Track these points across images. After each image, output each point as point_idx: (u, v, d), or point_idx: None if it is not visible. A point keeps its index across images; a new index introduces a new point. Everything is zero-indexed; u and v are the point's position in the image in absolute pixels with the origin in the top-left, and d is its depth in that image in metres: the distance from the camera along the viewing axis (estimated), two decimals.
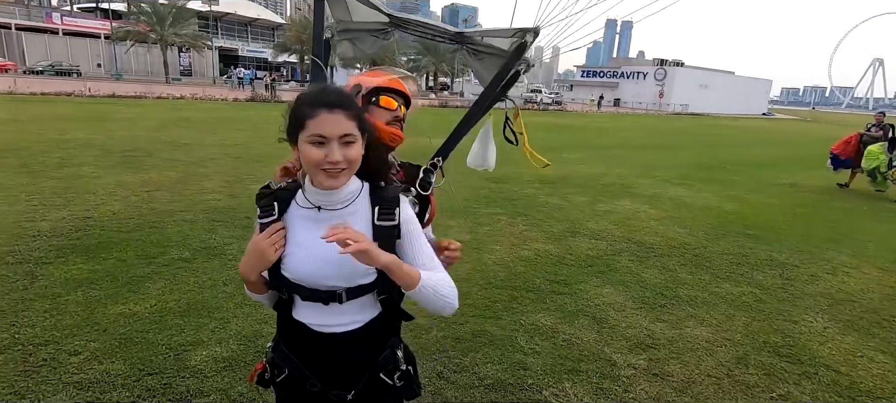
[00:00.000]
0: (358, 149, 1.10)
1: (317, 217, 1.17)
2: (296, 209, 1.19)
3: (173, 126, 12.62)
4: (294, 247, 1.17)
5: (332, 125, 1.06)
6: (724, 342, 3.21)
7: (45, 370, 2.44)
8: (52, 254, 3.83)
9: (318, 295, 1.17)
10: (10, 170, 6.54)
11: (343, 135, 1.07)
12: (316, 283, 1.16)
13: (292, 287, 1.18)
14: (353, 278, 1.16)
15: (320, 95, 1.10)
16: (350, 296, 1.18)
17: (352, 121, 1.08)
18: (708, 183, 9.26)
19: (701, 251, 5.03)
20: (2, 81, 22.41)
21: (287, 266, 1.17)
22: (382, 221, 1.18)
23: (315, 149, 1.07)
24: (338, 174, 1.09)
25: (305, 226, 1.18)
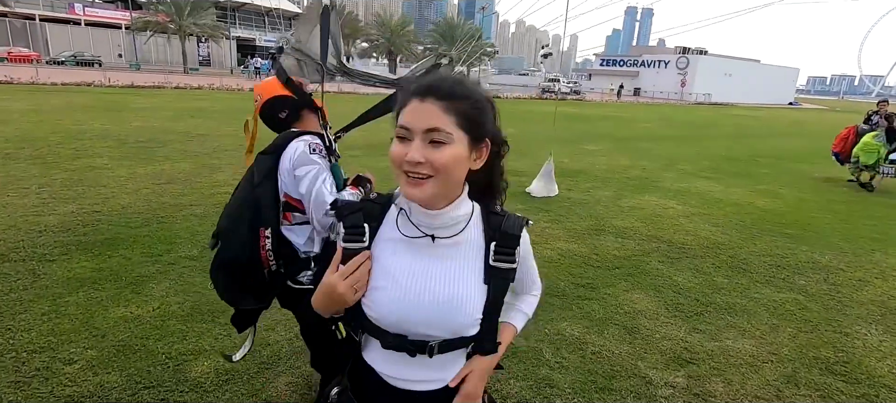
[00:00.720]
0: (452, 154, 0.83)
1: (415, 244, 0.92)
2: (389, 230, 0.94)
3: (189, 116, 12.57)
4: (384, 281, 0.91)
5: (418, 114, 0.82)
6: (770, 357, 2.92)
7: (37, 381, 2.28)
8: (57, 251, 3.70)
9: (405, 345, 0.92)
10: (25, 161, 6.49)
11: (429, 130, 0.81)
12: (405, 329, 0.91)
13: (373, 330, 0.93)
14: (456, 328, 0.91)
15: (421, 80, 0.86)
16: (443, 349, 0.93)
17: (448, 114, 0.82)
18: (737, 176, 8.84)
19: (736, 251, 4.71)
20: (24, 72, 22.75)
21: (372, 305, 0.92)
22: (500, 262, 0.93)
23: (398, 144, 0.83)
24: (420, 181, 0.83)
25: (399, 254, 0.92)
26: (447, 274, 0.91)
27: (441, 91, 0.83)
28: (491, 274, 0.93)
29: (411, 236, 0.92)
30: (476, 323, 0.93)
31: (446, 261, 0.92)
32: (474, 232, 0.94)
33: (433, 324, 0.90)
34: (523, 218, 0.99)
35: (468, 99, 0.85)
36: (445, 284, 0.90)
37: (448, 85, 0.85)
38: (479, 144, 0.88)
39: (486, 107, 0.89)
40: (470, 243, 0.94)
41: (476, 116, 0.86)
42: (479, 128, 0.87)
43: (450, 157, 0.83)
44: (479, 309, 0.92)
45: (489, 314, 0.93)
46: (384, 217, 0.95)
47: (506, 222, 0.95)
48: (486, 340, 0.96)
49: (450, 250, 0.92)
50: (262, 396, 2.29)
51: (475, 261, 0.93)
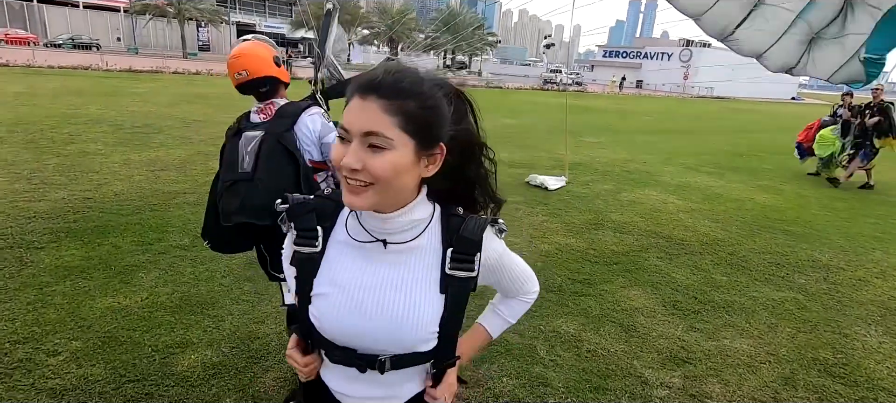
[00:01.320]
0: (392, 161, 0.73)
1: (366, 248, 0.84)
2: (341, 231, 0.86)
3: (186, 102, 12.45)
4: (330, 288, 0.83)
5: (357, 114, 0.73)
6: (768, 357, 2.88)
7: (19, 372, 2.23)
8: (46, 238, 3.64)
9: (353, 359, 0.84)
10: (17, 145, 6.40)
11: (367, 133, 0.72)
12: (353, 343, 0.83)
13: (321, 342, 0.86)
14: (409, 343, 0.83)
15: (370, 75, 0.76)
16: (395, 365, 0.84)
17: (390, 115, 0.72)
18: (738, 171, 8.78)
19: (736, 248, 4.65)
20: (21, 54, 22.53)
21: (317, 314, 0.84)
22: (456, 270, 0.83)
23: (339, 146, 0.75)
24: (359, 189, 0.75)
25: (349, 259, 0.84)
26: (399, 284, 0.83)
27: (385, 88, 0.74)
28: (447, 282, 0.83)
29: (362, 240, 0.84)
30: (431, 337, 0.84)
31: (399, 269, 0.84)
32: (431, 238, 0.85)
33: (382, 338, 0.82)
34: (486, 220, 0.88)
35: (417, 97, 0.75)
36: (397, 295, 0.82)
37: (393, 81, 0.74)
38: (430, 149, 0.78)
39: (441, 106, 0.78)
40: (426, 249, 0.85)
41: (426, 118, 0.76)
42: (429, 130, 0.77)
43: (389, 165, 0.73)
44: (434, 323, 0.83)
45: (446, 327, 0.84)
46: (338, 216, 0.88)
47: (465, 226, 0.85)
48: (444, 356, 0.87)
49: (403, 256, 0.84)
50: (249, 391, 2.24)
51: (431, 269, 0.84)
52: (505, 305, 1.05)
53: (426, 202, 0.86)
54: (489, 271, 0.90)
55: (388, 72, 0.76)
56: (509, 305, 1.05)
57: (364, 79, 0.76)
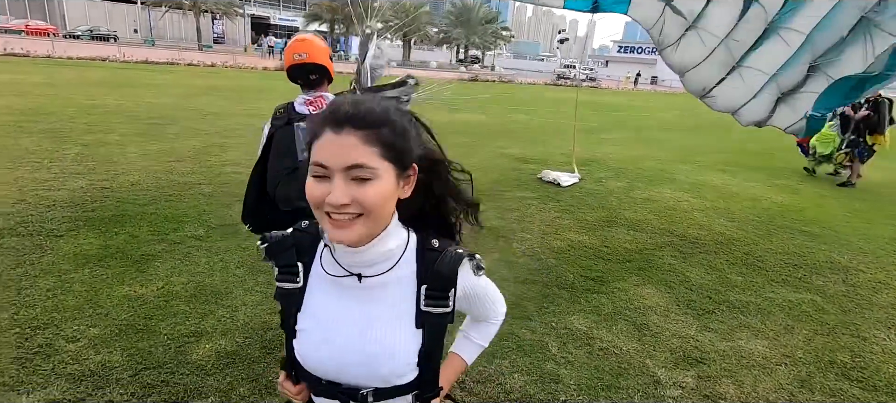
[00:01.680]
0: (380, 190, 0.74)
1: (342, 283, 0.84)
2: (317, 268, 0.86)
3: (201, 94, 12.58)
4: (311, 324, 0.85)
5: (335, 149, 0.72)
6: (784, 359, 2.83)
7: (40, 357, 2.28)
8: (65, 227, 3.71)
9: (337, 394, 0.86)
10: (38, 135, 6.52)
11: (351, 166, 0.72)
12: (335, 377, 0.85)
13: (306, 376, 0.87)
14: (388, 378, 0.84)
15: (335, 108, 0.75)
16: (378, 398, 0.86)
17: (370, 146, 0.73)
18: (755, 170, 8.63)
19: (752, 248, 4.58)
20: (41, 45, 22.92)
21: (299, 348, 0.85)
22: (432, 306, 0.84)
23: (316, 184, 0.74)
24: (348, 224, 0.74)
25: (327, 294, 0.85)
26: (375, 320, 0.83)
27: (359, 119, 0.73)
28: (423, 318, 0.84)
29: (337, 275, 0.84)
30: (410, 371, 0.85)
31: (374, 304, 0.84)
32: (405, 271, 0.85)
33: (361, 374, 0.84)
34: (462, 255, 0.87)
35: (389, 124, 0.76)
36: (373, 332, 0.83)
37: (365, 111, 0.74)
38: (405, 172, 0.79)
39: (408, 128, 0.80)
40: (400, 282, 0.84)
41: (400, 143, 0.77)
42: (405, 154, 0.78)
43: (378, 195, 0.74)
44: (412, 356, 0.84)
45: (426, 360, 0.85)
46: (316, 249, 0.88)
47: (440, 261, 0.84)
48: (425, 388, 0.88)
49: (378, 291, 0.84)
50: (262, 381, 2.26)
51: (406, 304, 0.84)
52: (476, 330, 1.05)
53: (399, 228, 0.85)
54: (463, 300, 0.91)
55: (355, 105, 0.75)
56: (480, 329, 1.05)
57: (333, 114, 0.74)
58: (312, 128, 0.76)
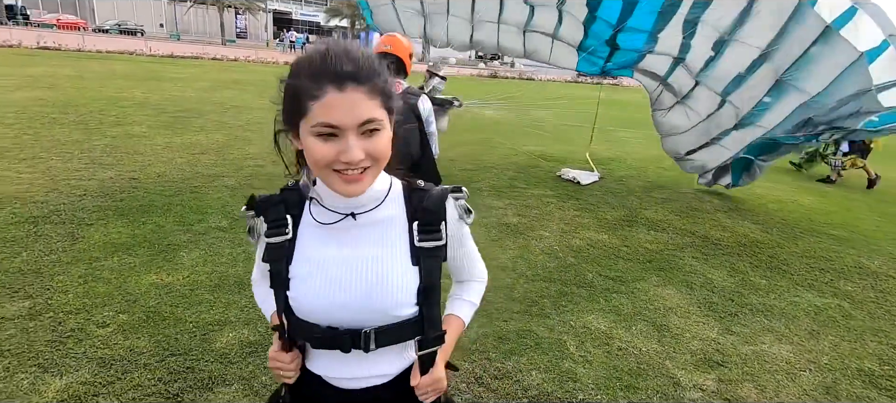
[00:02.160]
0: (386, 138, 0.78)
1: (336, 228, 0.86)
2: (307, 218, 0.88)
3: (224, 88, 12.79)
4: (305, 268, 0.86)
5: (346, 109, 0.73)
6: (809, 365, 2.77)
7: (72, 341, 2.36)
8: (95, 216, 3.82)
9: (336, 340, 0.86)
10: (69, 126, 6.72)
11: (364, 123, 0.74)
12: (334, 319, 0.85)
13: (302, 327, 0.87)
14: (389, 309, 0.85)
15: (327, 63, 0.74)
16: (380, 341, 0.86)
17: (374, 98, 0.75)
18: (781, 172, 8.42)
19: (776, 251, 4.49)
20: (72, 39, 23.57)
21: (298, 296, 0.86)
22: (426, 241, 0.86)
23: (323, 143, 0.74)
24: (360, 177, 0.77)
25: (321, 241, 0.87)
26: (372, 255, 0.86)
27: (360, 75, 0.75)
28: (419, 255, 0.86)
29: (330, 222, 0.87)
30: (410, 304, 0.86)
31: (370, 242, 0.87)
32: (395, 209, 0.88)
33: (362, 307, 0.84)
34: (447, 189, 0.90)
35: (379, 73, 0.78)
36: (371, 264, 0.85)
37: (365, 65, 0.76)
38: (392, 115, 0.84)
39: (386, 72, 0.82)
40: (392, 222, 0.87)
41: (388, 89, 0.80)
42: (391, 99, 0.81)
43: (385, 144, 0.79)
44: (411, 291, 0.86)
45: (426, 298, 0.87)
46: (303, 205, 0.90)
47: (428, 198, 0.88)
48: (428, 329, 0.89)
49: (372, 230, 0.87)
50: None
51: (400, 242, 0.87)
52: (464, 289, 1.05)
53: (384, 174, 0.89)
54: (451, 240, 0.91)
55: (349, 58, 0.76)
56: (468, 289, 1.05)
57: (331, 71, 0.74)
58: (305, 86, 0.75)
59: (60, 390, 2.05)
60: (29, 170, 4.72)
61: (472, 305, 1.05)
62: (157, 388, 2.12)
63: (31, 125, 6.56)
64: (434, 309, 0.88)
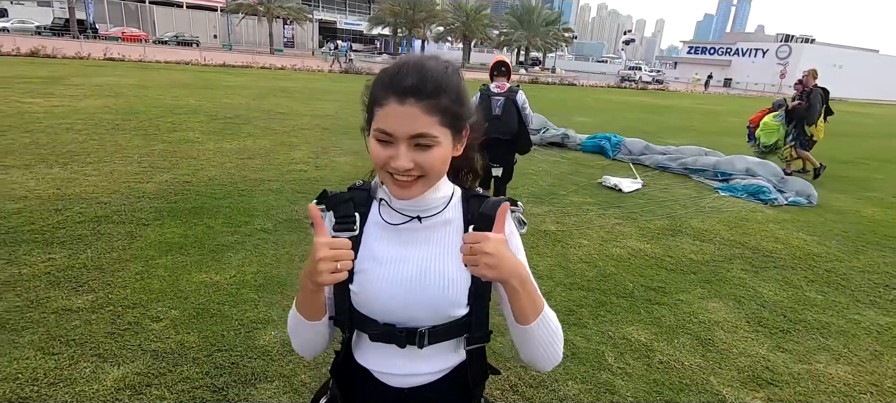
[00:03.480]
0: (440, 154, 0.80)
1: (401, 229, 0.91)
2: (375, 216, 0.93)
3: (272, 95, 13.30)
4: (370, 264, 0.89)
5: (400, 120, 0.77)
6: (870, 387, 2.59)
7: (129, 334, 2.52)
8: (151, 216, 4.06)
9: (394, 335, 0.89)
10: (130, 132, 7.17)
11: (415, 136, 0.78)
12: (393, 316, 0.89)
13: (361, 322, 0.91)
14: (446, 309, 0.88)
15: (397, 75, 0.79)
16: (432, 339, 0.90)
17: (432, 115, 0.77)
18: (841, 181, 7.94)
19: (835, 265, 4.22)
20: (135, 50, 25.16)
21: (359, 289, 0.89)
22: None
23: (379, 147, 0.80)
24: (409, 184, 0.82)
25: (385, 239, 0.91)
26: (430, 255, 0.89)
27: (423, 91, 0.77)
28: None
29: (397, 223, 0.91)
30: (461, 304, 0.89)
31: (431, 244, 0.90)
32: (455, 214, 0.92)
33: (421, 305, 0.87)
34: (505, 199, 0.92)
35: (447, 92, 0.80)
36: (429, 263, 0.89)
37: (429, 82, 0.78)
38: (460, 134, 0.86)
39: (464, 92, 0.84)
40: (451, 225, 0.91)
41: (457, 109, 0.82)
42: (461, 119, 0.84)
43: (438, 159, 0.81)
44: (464, 290, 0.88)
45: (475, 300, 0.90)
46: (371, 203, 0.94)
47: (485, 204, 0.91)
48: (475, 328, 0.92)
49: (434, 232, 0.90)
50: (322, 370, 2.37)
51: (456, 244, 0.89)
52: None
53: (447, 182, 0.93)
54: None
55: (418, 73, 0.78)
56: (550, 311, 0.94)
57: (397, 84, 0.78)
58: (375, 93, 0.82)
59: (117, 379, 2.19)
60: (94, 173, 5.07)
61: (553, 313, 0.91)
62: (204, 382, 2.23)
63: (97, 131, 7.05)
64: (483, 310, 0.92)
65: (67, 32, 33.06)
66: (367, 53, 52.57)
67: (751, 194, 6.21)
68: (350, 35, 57.20)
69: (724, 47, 65.70)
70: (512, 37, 51.68)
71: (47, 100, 9.26)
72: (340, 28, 58.92)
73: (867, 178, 8.40)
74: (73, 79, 13.10)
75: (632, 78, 41.55)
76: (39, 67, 15.32)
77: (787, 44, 57.62)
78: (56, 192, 4.42)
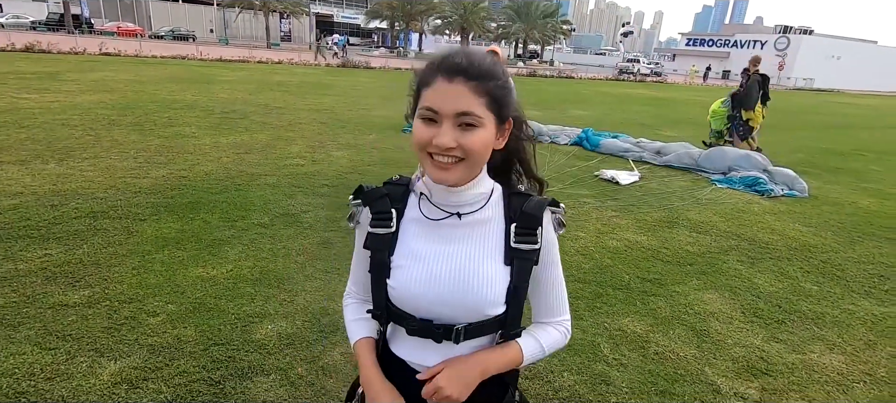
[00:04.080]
0: (483, 137, 0.81)
1: (440, 225, 0.91)
2: (412, 211, 0.93)
3: (268, 89, 13.25)
4: (408, 260, 0.90)
5: (446, 97, 0.79)
6: (863, 376, 2.61)
7: (126, 328, 2.52)
8: (148, 211, 4.05)
9: (431, 330, 0.90)
10: (126, 127, 7.15)
11: (460, 113, 0.79)
12: (430, 312, 0.89)
13: (398, 317, 0.92)
14: (483, 308, 0.88)
15: (447, 58, 0.82)
16: (468, 335, 0.90)
17: (479, 96, 0.80)
18: (837, 172, 7.96)
19: (830, 256, 4.24)
20: (130, 45, 25.01)
21: (396, 285, 0.90)
22: (521, 243, 0.89)
23: (423, 126, 0.81)
24: (448, 166, 0.82)
25: (423, 235, 0.91)
26: (471, 254, 0.89)
27: (471, 72, 0.80)
28: (512, 255, 0.89)
29: (437, 218, 0.91)
30: (501, 304, 0.89)
31: (470, 241, 0.90)
32: (495, 212, 0.91)
33: (458, 304, 0.88)
34: (547, 200, 0.92)
35: (496, 79, 0.82)
36: (470, 263, 0.88)
37: (477, 65, 0.81)
38: (503, 125, 0.86)
39: (510, 86, 0.87)
40: (491, 223, 0.91)
41: (502, 97, 0.84)
42: (505, 108, 0.85)
43: (480, 141, 0.81)
44: (502, 290, 0.88)
45: (513, 297, 0.90)
46: (407, 199, 0.95)
47: (528, 203, 0.91)
48: (509, 325, 0.92)
49: (473, 230, 0.90)
50: (319, 363, 2.38)
51: (496, 242, 0.90)
52: (540, 330, 1.00)
53: (488, 178, 0.92)
54: (544, 249, 0.92)
55: (467, 57, 0.82)
56: (545, 331, 1.00)
57: (446, 63, 0.81)
58: (423, 75, 0.84)
59: (114, 373, 2.20)
60: (91, 169, 5.06)
61: (540, 347, 0.97)
62: (201, 375, 2.23)
63: (93, 127, 7.02)
64: (519, 307, 0.92)
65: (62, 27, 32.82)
66: (364, 47, 52.35)
67: (748, 186, 6.23)
68: (347, 28, 56.96)
69: (722, 39, 65.53)
70: (510, 29, 51.48)
71: (42, 96, 9.22)
72: (337, 21, 58.63)
73: (864, 170, 8.42)
74: (68, 74, 13.04)
75: (630, 70, 41.45)
76: (34, 63, 15.23)
77: (785, 35, 57.48)
78: (52, 188, 4.41)
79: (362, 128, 8.62)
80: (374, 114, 10.36)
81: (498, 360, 0.93)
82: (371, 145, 7.30)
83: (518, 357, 0.94)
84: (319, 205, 4.47)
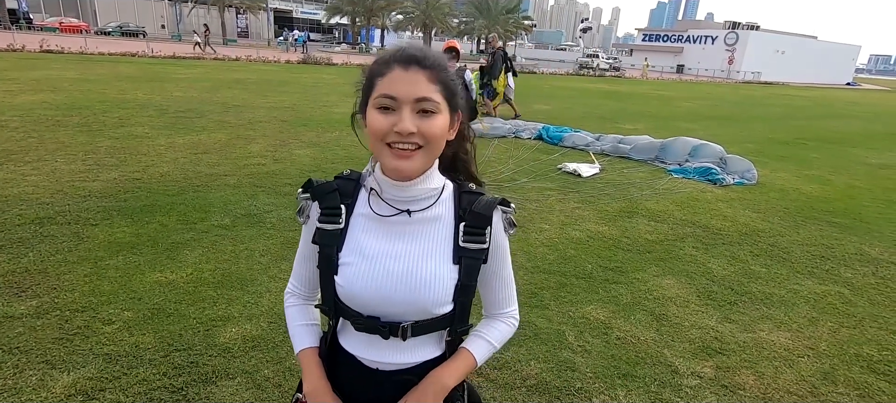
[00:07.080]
0: (441, 124, 0.83)
1: (388, 221, 0.90)
2: (362, 207, 0.92)
3: (226, 87, 12.84)
4: (355, 258, 0.89)
5: (404, 83, 0.80)
6: (807, 351, 2.79)
7: (79, 338, 2.41)
8: (100, 216, 3.87)
9: (378, 327, 0.90)
10: (73, 128, 6.79)
11: (419, 99, 0.80)
12: (377, 310, 0.89)
13: (346, 312, 0.92)
14: (430, 308, 0.88)
15: (401, 50, 0.84)
16: (416, 332, 0.91)
17: (434, 84, 0.82)
18: (783, 160, 8.41)
19: (777, 240, 4.49)
20: (74, 42, 23.69)
21: (343, 283, 0.89)
22: (469, 243, 0.89)
23: (381, 116, 0.81)
24: (409, 154, 0.82)
25: (371, 231, 0.90)
26: (418, 253, 0.89)
27: (425, 61, 0.83)
28: (460, 254, 0.90)
29: (386, 215, 0.91)
30: (448, 303, 0.90)
31: (418, 240, 0.90)
32: (445, 210, 0.92)
33: (405, 301, 0.88)
34: (497, 199, 0.94)
35: (446, 70, 0.86)
36: (415, 261, 0.88)
37: (431, 57, 0.84)
38: (454, 115, 0.88)
39: (457, 79, 0.90)
40: (440, 221, 0.91)
41: (454, 87, 0.87)
42: (455, 99, 0.88)
43: (439, 127, 0.83)
44: (449, 289, 0.89)
45: (460, 295, 0.91)
46: (357, 194, 0.94)
47: (477, 202, 0.92)
48: (457, 322, 0.94)
49: (422, 228, 0.90)
50: (285, 364, 2.35)
51: (446, 241, 0.90)
52: (488, 327, 1.02)
53: (438, 174, 0.93)
54: (493, 249, 0.93)
55: (421, 50, 0.85)
56: (493, 327, 1.02)
57: (401, 54, 0.84)
58: (376, 66, 0.85)
59: (68, 386, 2.10)
60: (34, 173, 4.78)
61: (491, 346, 0.99)
62: (162, 383, 2.16)
63: (36, 128, 6.63)
64: (466, 306, 0.93)
65: None
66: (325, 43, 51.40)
67: (701, 175, 6.51)
68: (307, 24, 55.75)
69: (676, 34, 67.88)
70: (472, 25, 51.72)
71: None
72: (297, 17, 57.30)
73: (806, 157, 8.93)
74: (6, 73, 12.25)
75: (590, 65, 42.42)
76: None
77: (734, 31, 60.06)
78: None
79: (325, 125, 8.48)
80: (337, 111, 10.20)
81: (454, 373, 0.95)
82: (335, 142, 7.20)
83: (472, 363, 0.97)
84: (283, 205, 4.38)
